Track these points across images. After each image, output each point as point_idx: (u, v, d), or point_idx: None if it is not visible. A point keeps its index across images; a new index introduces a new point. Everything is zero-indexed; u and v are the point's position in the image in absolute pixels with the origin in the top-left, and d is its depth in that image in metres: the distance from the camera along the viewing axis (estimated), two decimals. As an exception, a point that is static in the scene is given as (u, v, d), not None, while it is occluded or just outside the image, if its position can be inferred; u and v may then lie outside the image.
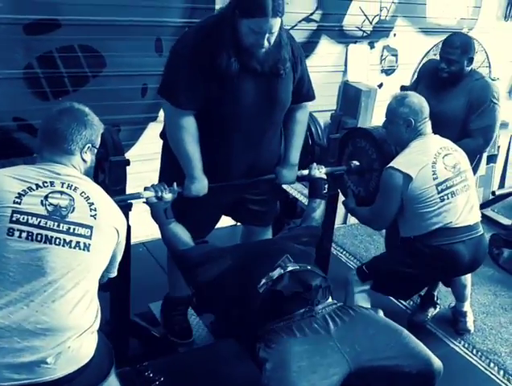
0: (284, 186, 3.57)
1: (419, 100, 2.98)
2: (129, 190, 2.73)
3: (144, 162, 3.67)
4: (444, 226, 2.88)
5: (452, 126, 3.32)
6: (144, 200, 2.59)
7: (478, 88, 3.43)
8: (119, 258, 2.17)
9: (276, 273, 2.31)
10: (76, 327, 1.87)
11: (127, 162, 2.60)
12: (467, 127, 3.42)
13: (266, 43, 2.41)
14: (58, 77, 3.63)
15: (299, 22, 4.53)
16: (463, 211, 2.92)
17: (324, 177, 2.99)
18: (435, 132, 3.04)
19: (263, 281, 2.29)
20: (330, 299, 2.39)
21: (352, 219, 4.81)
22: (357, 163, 3.24)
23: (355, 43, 4.99)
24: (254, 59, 2.47)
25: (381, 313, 2.62)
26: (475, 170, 3.42)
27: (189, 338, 3.12)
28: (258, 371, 2.18)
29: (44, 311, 1.81)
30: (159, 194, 2.55)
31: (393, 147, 3.08)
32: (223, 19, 2.44)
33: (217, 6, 3.95)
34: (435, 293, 3.61)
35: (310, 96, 2.84)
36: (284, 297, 2.25)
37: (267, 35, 2.38)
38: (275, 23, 2.38)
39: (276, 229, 3.62)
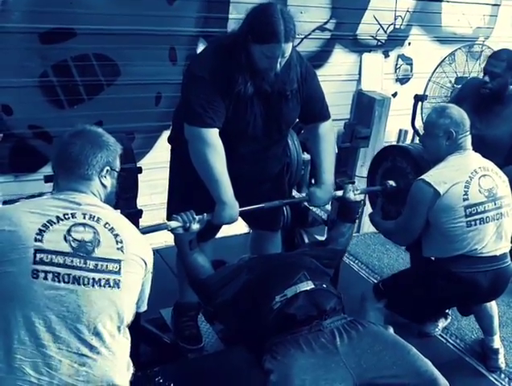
0: (295, 195, 3.59)
1: (459, 112, 2.82)
2: (142, 198, 2.76)
3: (158, 169, 3.70)
4: (467, 253, 2.72)
5: (498, 152, 3.08)
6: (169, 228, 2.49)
7: None
8: (148, 291, 2.04)
9: (291, 291, 2.29)
10: (116, 375, 1.80)
11: (139, 170, 2.61)
12: None
13: (278, 67, 2.44)
14: (73, 85, 3.68)
15: (313, 31, 4.55)
16: (490, 240, 2.74)
17: (359, 199, 2.88)
18: None
19: (277, 298, 2.28)
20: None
21: (365, 229, 4.81)
22: (394, 184, 3.10)
23: (369, 51, 4.98)
24: (266, 82, 2.52)
25: (391, 329, 2.60)
26: None
27: (199, 344, 3.13)
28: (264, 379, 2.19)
29: (82, 361, 1.72)
30: (187, 225, 2.47)
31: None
32: (236, 43, 2.47)
33: (231, 16, 4.00)
34: None
35: (323, 116, 2.81)
36: (296, 317, 2.24)
37: (280, 59, 2.42)
38: (287, 48, 2.41)
39: (287, 238, 3.64)
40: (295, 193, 3.68)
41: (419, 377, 2.10)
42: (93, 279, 1.76)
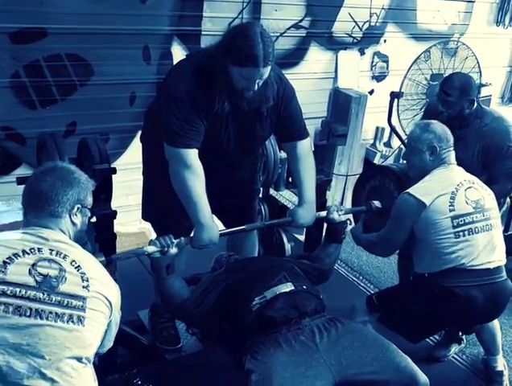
0: (272, 193, 3.58)
1: (442, 128, 2.80)
2: (118, 199, 2.72)
3: (134, 170, 3.66)
4: (458, 266, 2.62)
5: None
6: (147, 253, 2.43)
7: (491, 135, 3.19)
8: (114, 331, 1.97)
9: (270, 293, 2.28)
10: None
11: (113, 171, 2.58)
12: (491, 173, 3.19)
13: (255, 87, 2.44)
14: (45, 86, 3.64)
15: (288, 28, 4.53)
16: (481, 252, 2.64)
17: (344, 219, 2.82)
18: None
19: (256, 300, 2.27)
20: None
21: (344, 227, 4.82)
22: (379, 206, 3.03)
23: (345, 49, 4.99)
24: (244, 101, 2.51)
25: (369, 326, 2.59)
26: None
27: (177, 345, 3.09)
28: (245, 380, 2.16)
29: None
30: (165, 249, 2.41)
31: None
32: (214, 62, 2.44)
33: (205, 14, 3.99)
34: None
35: (301, 135, 2.79)
36: (276, 320, 2.23)
37: (258, 81, 2.42)
38: (266, 71, 2.40)
39: (265, 237, 3.62)
40: (272, 192, 3.67)
41: (399, 373, 2.09)
42: (56, 314, 1.70)
